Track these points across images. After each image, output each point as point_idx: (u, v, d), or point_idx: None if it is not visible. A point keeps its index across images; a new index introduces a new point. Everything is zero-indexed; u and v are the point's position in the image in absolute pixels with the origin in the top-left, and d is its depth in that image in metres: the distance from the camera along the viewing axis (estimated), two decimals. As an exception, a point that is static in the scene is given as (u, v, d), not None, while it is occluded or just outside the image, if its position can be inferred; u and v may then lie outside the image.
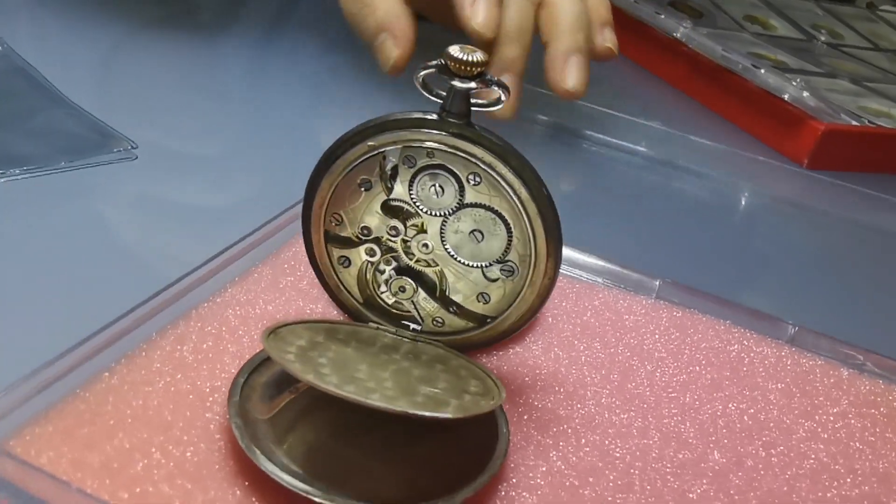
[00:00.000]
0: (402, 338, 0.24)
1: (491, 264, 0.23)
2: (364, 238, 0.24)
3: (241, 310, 0.25)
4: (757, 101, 0.50)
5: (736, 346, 0.29)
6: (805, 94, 0.48)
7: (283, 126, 0.40)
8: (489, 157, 0.22)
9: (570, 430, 0.23)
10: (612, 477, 0.22)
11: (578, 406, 0.24)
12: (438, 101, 0.22)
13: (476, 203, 0.23)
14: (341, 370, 0.22)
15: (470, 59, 0.21)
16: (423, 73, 0.22)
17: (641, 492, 0.22)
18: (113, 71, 0.42)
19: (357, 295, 0.25)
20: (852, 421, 0.26)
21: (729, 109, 0.52)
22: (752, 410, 0.26)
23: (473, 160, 0.22)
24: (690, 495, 0.22)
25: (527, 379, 0.25)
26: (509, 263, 0.23)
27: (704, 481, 0.23)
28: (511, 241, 0.23)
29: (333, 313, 0.26)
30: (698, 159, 0.46)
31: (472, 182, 0.22)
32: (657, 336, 0.28)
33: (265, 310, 0.26)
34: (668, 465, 0.23)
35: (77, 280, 0.27)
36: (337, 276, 0.25)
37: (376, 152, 0.22)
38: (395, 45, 0.33)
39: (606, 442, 0.23)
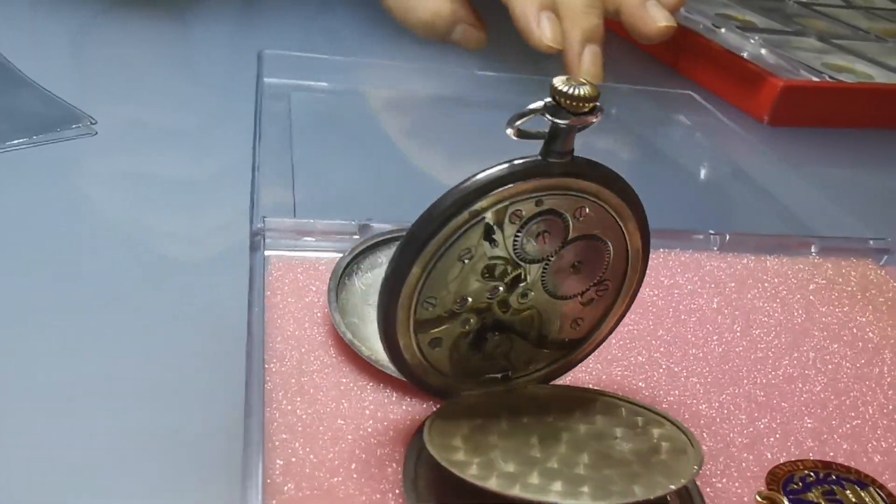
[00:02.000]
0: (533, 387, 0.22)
1: (588, 289, 0.22)
2: (459, 310, 0.21)
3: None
4: (719, 60, 0.51)
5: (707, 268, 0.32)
6: (763, 51, 0.49)
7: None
8: (595, 187, 0.20)
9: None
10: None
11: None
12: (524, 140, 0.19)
13: (580, 236, 0.21)
14: (516, 454, 0.20)
15: (584, 93, 0.18)
16: (521, 121, 0.19)
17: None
18: (84, 50, 0.44)
19: (448, 370, 0.22)
20: (811, 297, 0.31)
21: (694, 70, 0.53)
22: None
23: (581, 195, 0.20)
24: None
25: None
26: (605, 283, 0.22)
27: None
28: (609, 261, 0.22)
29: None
30: (662, 118, 0.47)
31: (578, 217, 0.20)
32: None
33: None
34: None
35: (62, 253, 0.28)
36: (427, 361, 0.21)
37: (479, 219, 0.19)
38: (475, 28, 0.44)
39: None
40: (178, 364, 0.25)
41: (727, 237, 0.33)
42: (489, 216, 0.19)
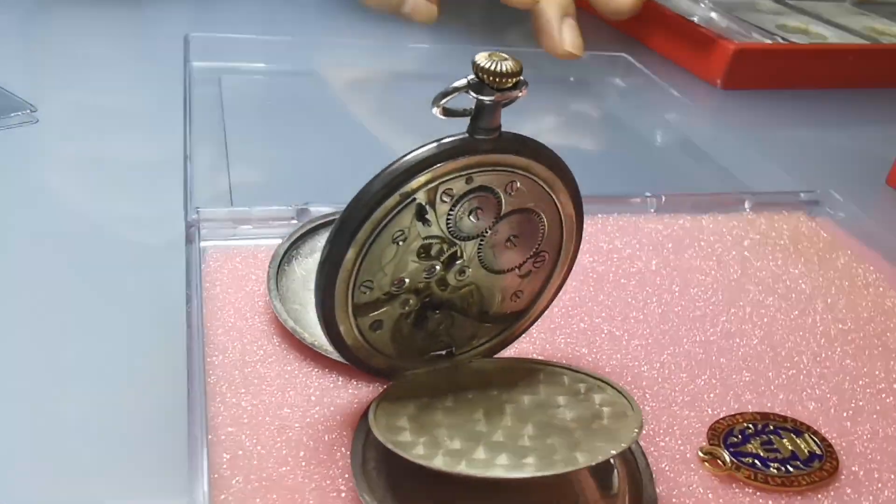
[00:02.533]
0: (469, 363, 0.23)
1: (525, 261, 0.22)
2: (397, 291, 0.21)
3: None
4: (672, 26, 0.51)
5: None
6: (713, 14, 0.48)
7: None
8: (524, 161, 0.20)
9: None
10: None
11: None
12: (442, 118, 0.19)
13: (513, 210, 0.21)
14: (461, 430, 0.20)
15: (507, 68, 0.18)
16: (446, 99, 0.19)
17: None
18: (24, 38, 0.45)
19: (392, 351, 0.22)
20: (746, 253, 0.32)
21: (649, 37, 0.53)
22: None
23: (511, 170, 0.20)
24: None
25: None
26: (542, 254, 0.22)
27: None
28: (544, 232, 0.22)
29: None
30: (597, 81, 0.48)
31: (510, 192, 0.21)
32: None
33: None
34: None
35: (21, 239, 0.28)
36: (369, 344, 0.21)
37: (409, 200, 0.19)
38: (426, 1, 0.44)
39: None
40: (121, 352, 0.24)
41: (663, 199, 0.34)
42: (420, 196, 0.19)
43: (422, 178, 0.19)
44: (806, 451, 0.23)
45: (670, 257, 0.31)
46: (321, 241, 0.28)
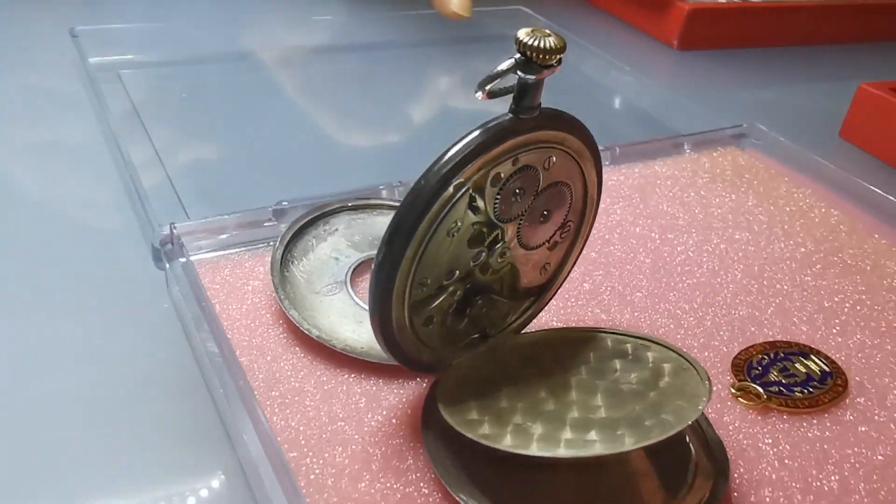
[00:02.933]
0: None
1: (554, 233, 0.22)
2: (448, 283, 0.20)
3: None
4: None
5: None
6: None
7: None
8: (561, 135, 0.20)
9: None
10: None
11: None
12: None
13: (549, 185, 0.21)
14: (536, 413, 0.20)
15: (553, 45, 0.18)
16: (493, 84, 0.18)
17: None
18: None
19: (437, 344, 0.21)
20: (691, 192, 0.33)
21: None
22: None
23: (550, 145, 0.20)
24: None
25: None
26: (568, 224, 0.22)
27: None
28: (571, 203, 0.22)
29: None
30: (494, 37, 0.47)
31: (547, 167, 0.20)
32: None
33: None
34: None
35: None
36: (419, 340, 0.21)
37: (464, 190, 0.19)
38: None
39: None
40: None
41: (617, 150, 0.34)
42: (472, 184, 0.19)
43: (474, 166, 0.18)
44: (818, 371, 0.25)
45: (640, 206, 0.32)
46: (312, 240, 0.27)
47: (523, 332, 0.24)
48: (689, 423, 0.18)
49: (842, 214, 0.33)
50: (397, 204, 0.26)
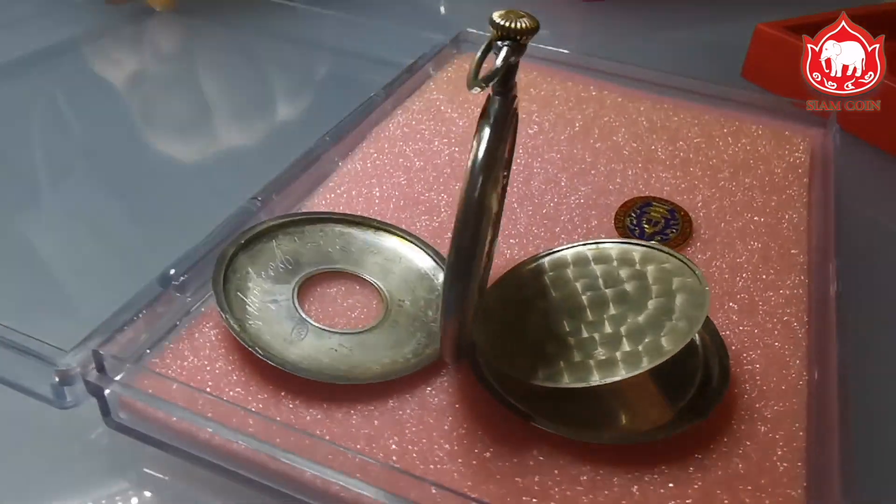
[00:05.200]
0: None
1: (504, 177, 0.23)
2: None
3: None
4: None
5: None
6: None
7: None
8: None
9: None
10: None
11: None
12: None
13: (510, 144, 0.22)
14: (565, 343, 0.22)
15: (530, 24, 0.18)
16: (483, 72, 0.18)
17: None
18: None
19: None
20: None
21: None
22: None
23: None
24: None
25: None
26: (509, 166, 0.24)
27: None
28: (512, 148, 0.23)
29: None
30: None
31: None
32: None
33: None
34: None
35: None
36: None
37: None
38: None
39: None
40: None
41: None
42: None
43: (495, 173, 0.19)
44: (668, 213, 0.31)
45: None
46: (237, 293, 0.24)
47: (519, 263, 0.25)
48: (701, 323, 0.21)
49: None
50: (279, 223, 0.25)
